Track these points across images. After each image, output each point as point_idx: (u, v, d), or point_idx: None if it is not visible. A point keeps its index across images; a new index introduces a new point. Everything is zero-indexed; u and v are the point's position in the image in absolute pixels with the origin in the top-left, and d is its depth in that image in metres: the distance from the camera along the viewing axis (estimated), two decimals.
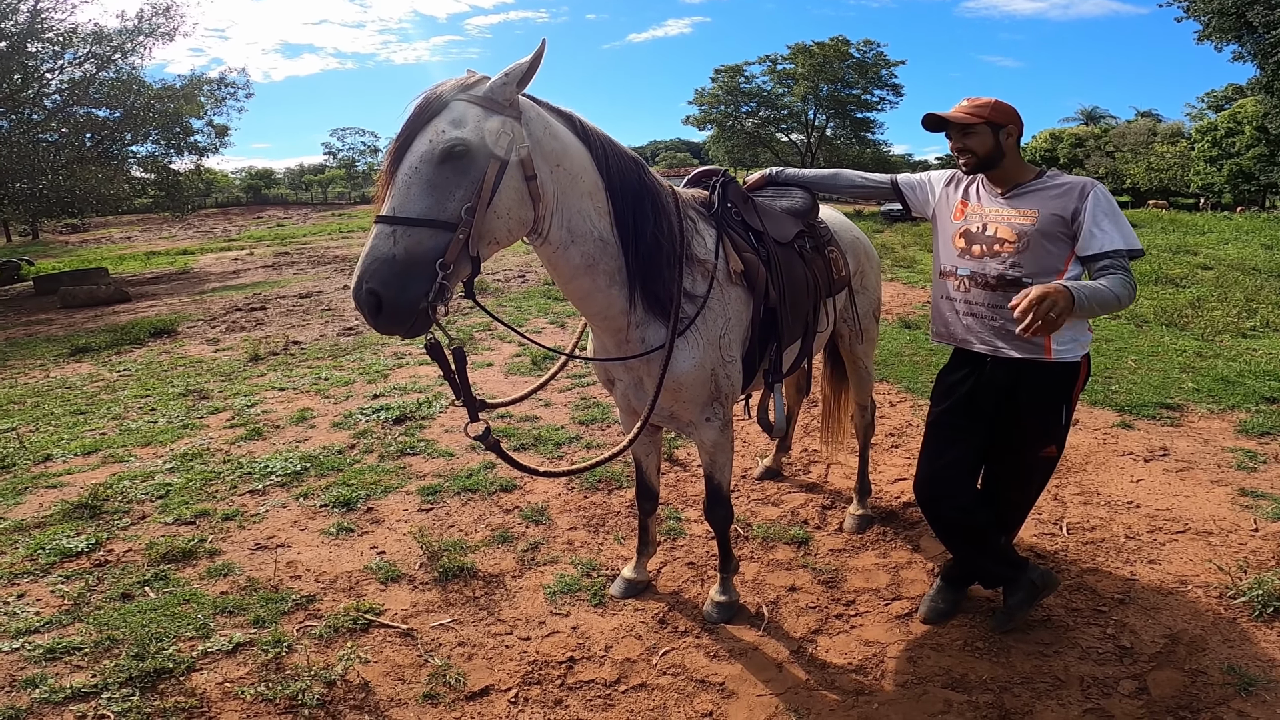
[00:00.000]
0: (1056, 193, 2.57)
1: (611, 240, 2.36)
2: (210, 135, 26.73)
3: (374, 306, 1.93)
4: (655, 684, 2.69)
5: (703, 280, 2.56)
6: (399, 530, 3.84)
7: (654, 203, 2.44)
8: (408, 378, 6.67)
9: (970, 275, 2.69)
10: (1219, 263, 13.75)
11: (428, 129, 1.99)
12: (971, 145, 2.63)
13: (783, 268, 2.78)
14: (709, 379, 2.59)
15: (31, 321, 12.64)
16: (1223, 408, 5.36)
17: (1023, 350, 2.60)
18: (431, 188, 1.96)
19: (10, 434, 5.62)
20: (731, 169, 18.41)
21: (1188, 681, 2.62)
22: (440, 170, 1.97)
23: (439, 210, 1.96)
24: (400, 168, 1.99)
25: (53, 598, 3.26)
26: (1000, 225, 2.62)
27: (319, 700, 2.59)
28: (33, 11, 18.59)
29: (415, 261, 1.94)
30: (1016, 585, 2.88)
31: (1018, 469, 2.82)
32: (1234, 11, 21.53)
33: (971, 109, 2.63)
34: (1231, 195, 43.90)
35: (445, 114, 2.01)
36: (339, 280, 14.37)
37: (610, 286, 2.41)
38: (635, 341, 2.53)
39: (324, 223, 38.41)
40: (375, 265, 1.92)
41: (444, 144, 1.96)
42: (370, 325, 1.99)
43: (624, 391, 2.76)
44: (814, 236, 3.11)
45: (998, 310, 2.62)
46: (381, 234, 1.94)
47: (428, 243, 1.95)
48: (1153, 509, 3.87)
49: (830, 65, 40.07)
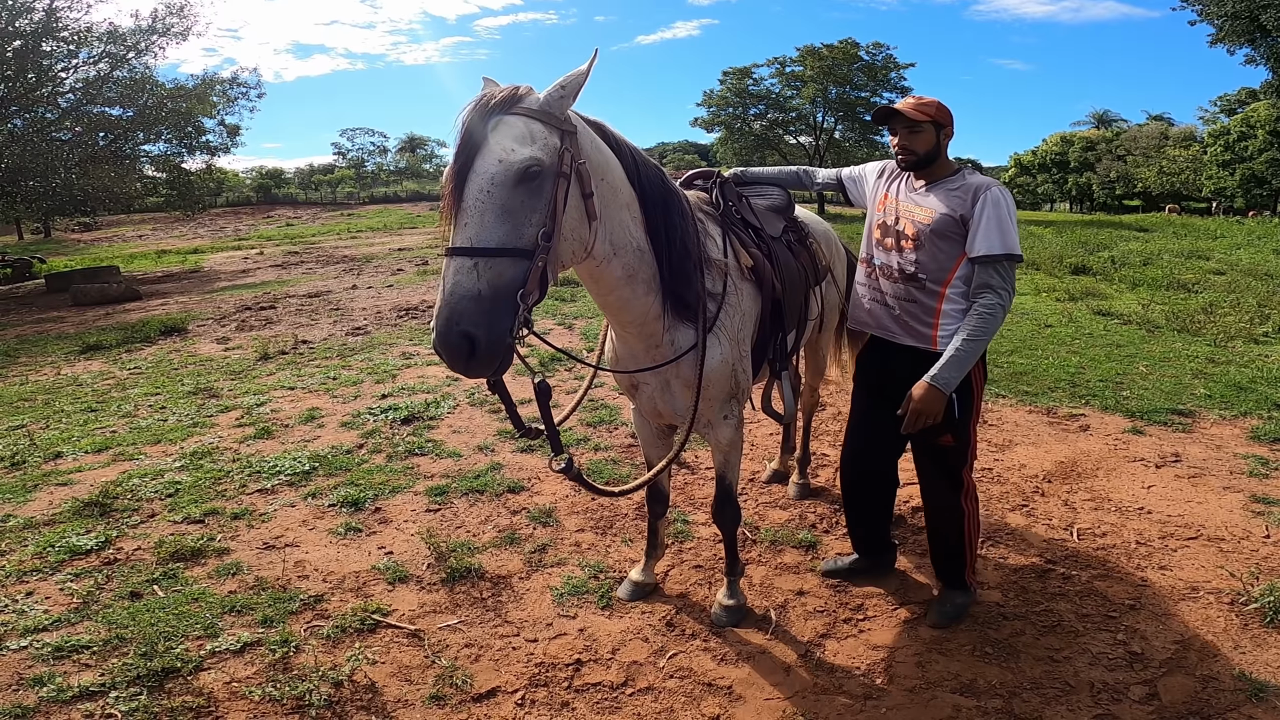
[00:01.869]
0: (957, 193, 2.67)
1: (648, 249, 2.36)
2: (222, 135, 26.86)
3: (468, 350, 1.80)
4: (662, 687, 2.69)
5: (719, 279, 2.60)
6: (407, 531, 3.84)
7: (679, 208, 2.46)
8: (416, 378, 6.69)
9: (880, 266, 2.86)
10: (1231, 268, 13.65)
11: (490, 147, 1.86)
12: (915, 144, 2.71)
13: (780, 260, 2.86)
14: (731, 374, 2.63)
15: (43, 319, 12.72)
16: (1235, 414, 5.32)
17: (914, 340, 2.77)
18: (507, 213, 1.85)
19: (21, 431, 5.65)
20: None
21: (1198, 687, 2.60)
22: (515, 193, 1.86)
23: (517, 237, 1.85)
24: (468, 192, 1.84)
25: (62, 596, 3.28)
26: (907, 221, 2.75)
27: (326, 700, 2.59)
28: (48, 10, 18.71)
29: (500, 295, 1.82)
30: (944, 599, 3.06)
31: (922, 455, 2.94)
32: (1247, 15, 21.43)
33: (918, 105, 2.71)
34: (1244, 200, 43.62)
35: (505, 130, 1.89)
36: (348, 280, 14.41)
37: (648, 294, 2.41)
38: (666, 345, 2.54)
39: (333, 222, 38.54)
40: (464, 304, 1.79)
41: (519, 165, 1.85)
42: (459, 370, 1.85)
43: (650, 395, 2.74)
44: (796, 231, 3.23)
45: (898, 300, 2.79)
46: (463, 268, 1.80)
47: (509, 273, 1.84)
48: (1164, 515, 3.84)
49: (839, 68, 39.97)
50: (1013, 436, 5.00)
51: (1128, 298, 10.48)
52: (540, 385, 2.17)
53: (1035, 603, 3.12)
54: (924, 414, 2.61)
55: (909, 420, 2.63)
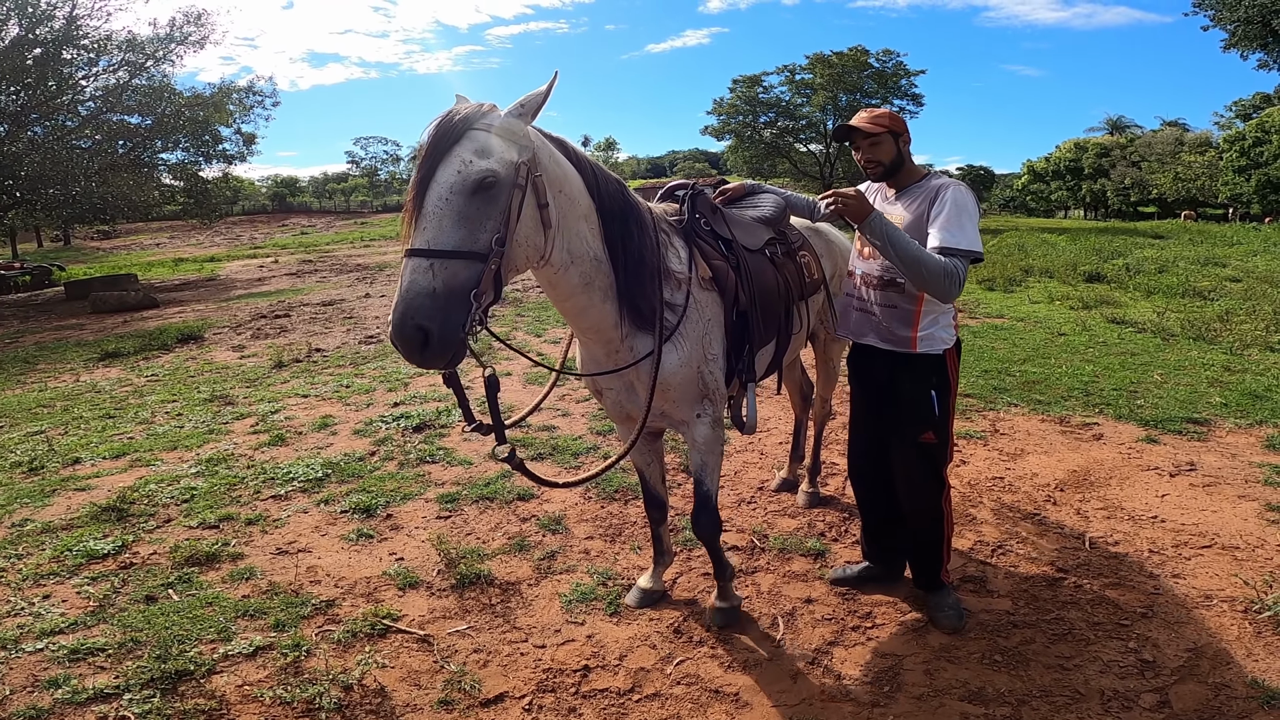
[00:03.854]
0: (921, 194, 2.81)
1: (604, 258, 2.47)
2: (238, 143, 27.24)
3: (421, 342, 1.92)
4: (669, 693, 2.69)
5: (680, 289, 2.66)
6: (417, 537, 3.87)
7: (637, 220, 2.55)
8: (427, 386, 6.73)
9: (862, 274, 2.98)
10: (1248, 275, 13.54)
11: (451, 159, 1.98)
12: (878, 155, 2.82)
13: (752, 273, 2.88)
14: (696, 376, 2.69)
15: (62, 326, 12.89)
16: (1250, 423, 5.27)
17: (892, 344, 2.89)
18: (464, 219, 1.97)
19: (40, 437, 5.73)
20: (754, 179, 18.41)
21: (1210, 695, 2.58)
22: (471, 201, 1.97)
23: (472, 241, 1.97)
24: (428, 199, 1.97)
25: (78, 599, 3.32)
26: None
27: (336, 704, 2.62)
28: (69, 18, 19.01)
29: (454, 293, 1.94)
30: (939, 605, 3.09)
31: (901, 453, 3.00)
32: (1260, 20, 21.32)
33: (873, 118, 2.84)
34: (1260, 206, 43.12)
35: (467, 143, 2.00)
36: (361, 289, 14.53)
37: (604, 302, 2.51)
38: (625, 351, 2.62)
39: (346, 231, 38.89)
40: (419, 300, 1.91)
41: (475, 175, 1.97)
42: (414, 361, 1.97)
43: (615, 399, 2.84)
44: (784, 243, 3.24)
45: (880, 307, 2.90)
46: (419, 268, 1.92)
47: (463, 274, 1.96)
48: (1178, 524, 3.81)
49: (849, 75, 39.89)
50: (1025, 445, 4.98)
51: (1142, 305, 10.41)
52: (490, 378, 2.30)
53: (1046, 611, 3.11)
54: (844, 197, 2.65)
55: (833, 198, 2.71)
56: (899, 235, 2.58)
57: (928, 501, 3.01)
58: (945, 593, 3.10)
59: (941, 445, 2.95)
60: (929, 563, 3.08)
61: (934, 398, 2.86)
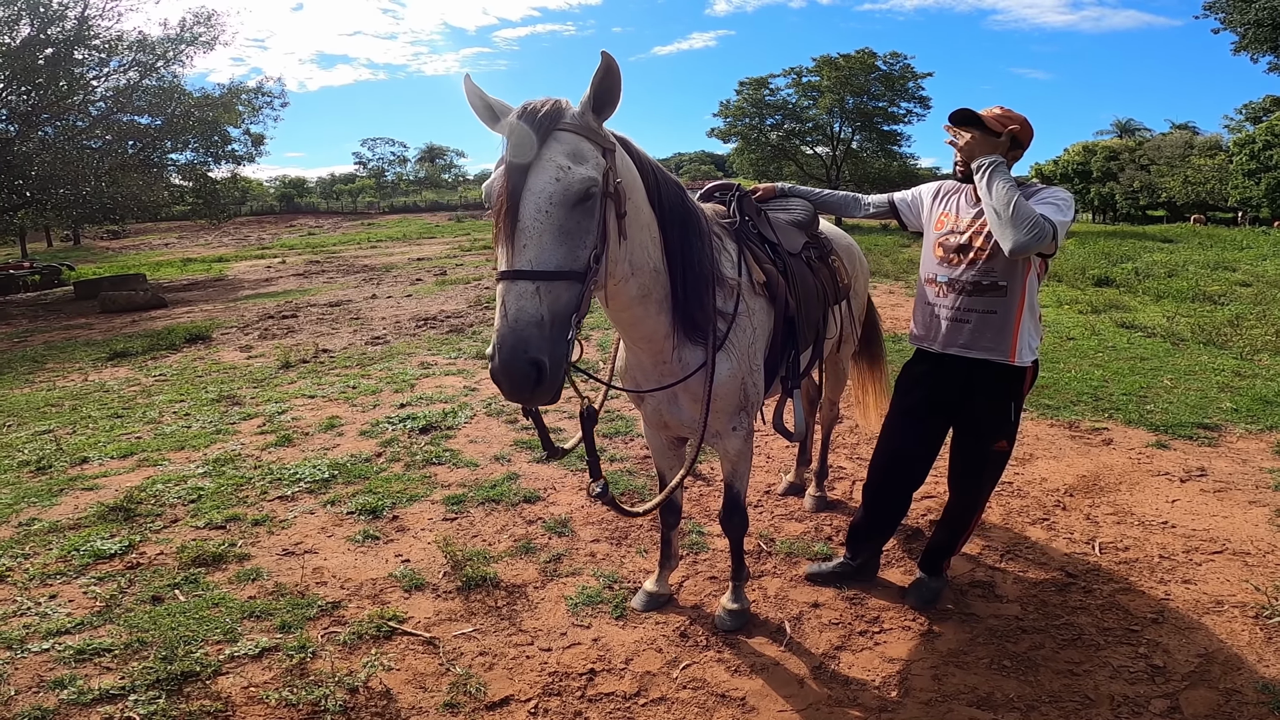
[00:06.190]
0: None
1: (663, 269, 2.31)
2: (247, 144, 27.34)
3: (535, 379, 1.71)
4: (675, 697, 2.68)
5: (731, 297, 2.57)
6: (423, 539, 3.86)
7: (696, 228, 2.41)
8: (434, 388, 6.74)
9: (948, 282, 2.86)
10: (1258, 279, 13.45)
11: (543, 164, 1.78)
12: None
13: (796, 277, 2.84)
14: (740, 388, 2.62)
15: (71, 325, 12.95)
16: (1261, 428, 5.24)
17: (989, 354, 2.81)
18: (565, 235, 1.78)
19: (48, 436, 5.75)
20: (755, 181, 18.34)
21: (1221, 700, 2.57)
22: (573, 214, 1.79)
23: (573, 260, 1.78)
24: (523, 211, 1.75)
25: (85, 599, 3.33)
26: (974, 234, 2.76)
27: (341, 706, 2.61)
28: (80, 18, 19.10)
29: (559, 320, 1.75)
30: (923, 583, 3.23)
31: (974, 460, 3.00)
32: (1271, 22, 21.21)
33: (1004, 117, 2.71)
34: (1270, 209, 42.80)
35: (555, 145, 1.81)
36: (367, 290, 14.55)
37: (659, 313, 2.38)
38: (674, 362, 2.52)
39: (354, 232, 38.96)
40: (528, 330, 1.70)
41: (578, 185, 1.78)
42: (521, 399, 1.76)
43: (655, 406, 2.74)
44: (818, 247, 3.20)
45: (975, 313, 2.80)
46: (525, 292, 1.71)
47: (565, 297, 1.76)
48: (1189, 529, 3.78)
49: (856, 77, 39.79)
50: (1034, 450, 4.95)
51: (1152, 310, 10.35)
52: (587, 410, 2.18)
53: (1055, 616, 3.09)
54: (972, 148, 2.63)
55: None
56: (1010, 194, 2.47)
57: (981, 499, 3.09)
58: (938, 579, 3.22)
59: (1008, 453, 2.98)
60: (945, 553, 3.19)
61: (1013, 408, 2.88)
